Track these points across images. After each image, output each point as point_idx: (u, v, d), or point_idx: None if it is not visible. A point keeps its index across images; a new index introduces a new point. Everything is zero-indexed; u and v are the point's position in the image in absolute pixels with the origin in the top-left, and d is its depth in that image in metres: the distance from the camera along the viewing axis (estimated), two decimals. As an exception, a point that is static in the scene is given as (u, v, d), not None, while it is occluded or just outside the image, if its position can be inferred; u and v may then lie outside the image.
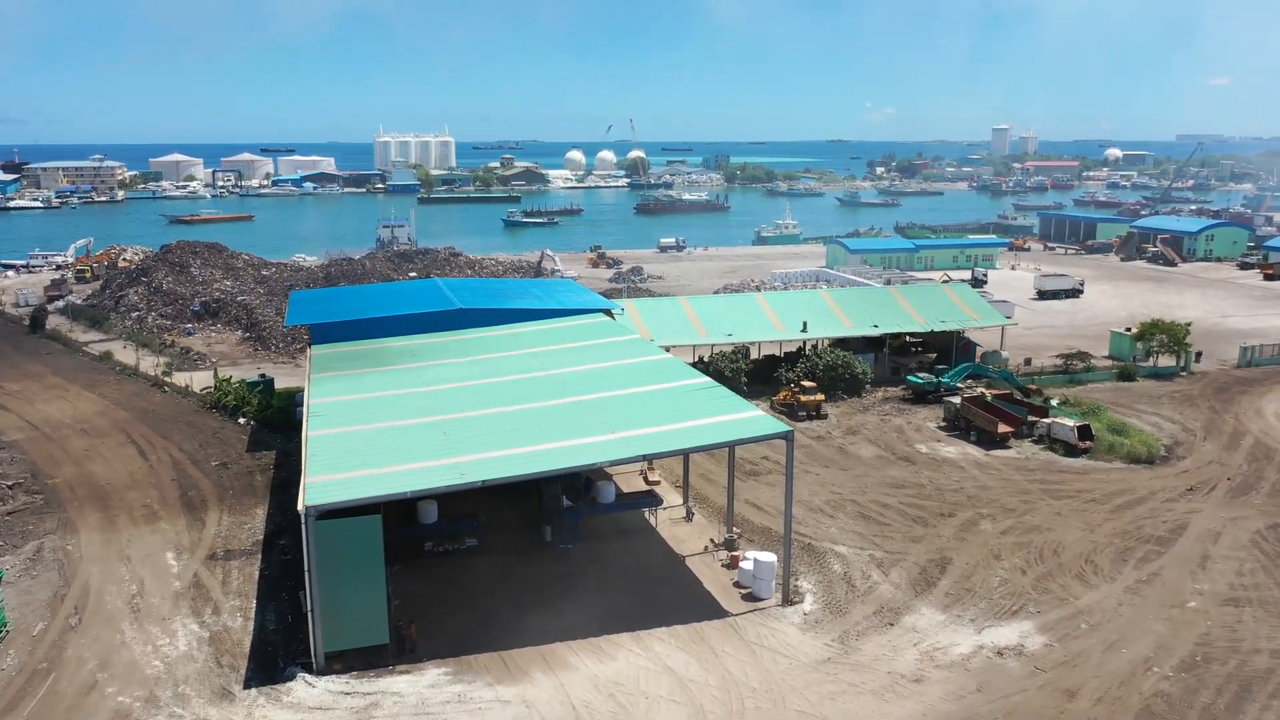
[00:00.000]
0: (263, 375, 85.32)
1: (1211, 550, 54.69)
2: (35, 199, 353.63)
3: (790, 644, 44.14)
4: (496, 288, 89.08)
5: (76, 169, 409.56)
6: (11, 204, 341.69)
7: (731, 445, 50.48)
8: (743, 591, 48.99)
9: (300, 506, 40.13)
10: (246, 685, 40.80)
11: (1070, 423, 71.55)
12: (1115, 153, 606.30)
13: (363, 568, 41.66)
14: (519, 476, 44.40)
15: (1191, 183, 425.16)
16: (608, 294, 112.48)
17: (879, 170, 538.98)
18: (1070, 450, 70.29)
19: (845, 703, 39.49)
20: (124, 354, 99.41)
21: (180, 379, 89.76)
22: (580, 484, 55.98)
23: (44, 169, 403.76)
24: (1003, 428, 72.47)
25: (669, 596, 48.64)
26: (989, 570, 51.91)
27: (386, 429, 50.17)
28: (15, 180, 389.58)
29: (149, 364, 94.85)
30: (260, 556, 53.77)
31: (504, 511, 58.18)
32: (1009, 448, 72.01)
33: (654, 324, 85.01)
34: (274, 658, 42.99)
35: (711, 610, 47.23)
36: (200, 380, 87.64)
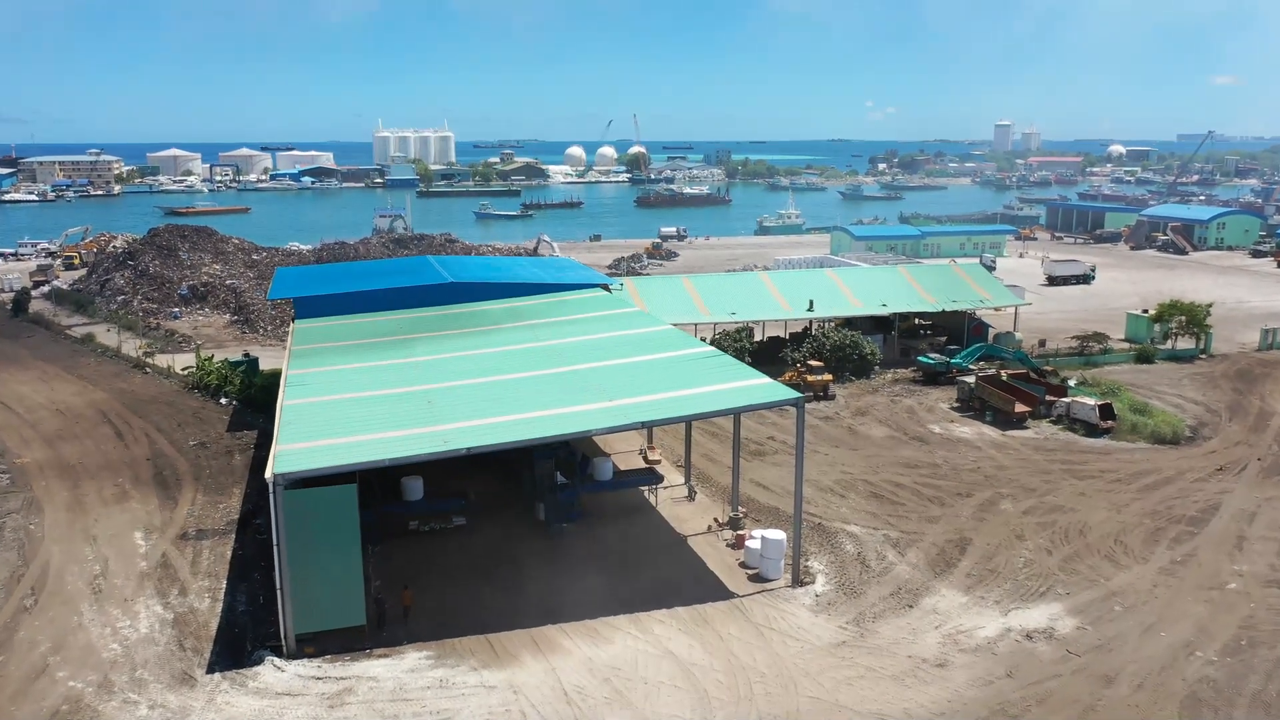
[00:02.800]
0: (247, 355, 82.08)
1: (1247, 531, 51.33)
2: (30, 192, 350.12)
3: (801, 626, 40.82)
4: (489, 264, 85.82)
5: (73, 163, 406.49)
6: (6, 197, 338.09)
7: (737, 412, 47.12)
8: (749, 572, 45.67)
9: (268, 474, 36.85)
10: (210, 669, 37.51)
11: (1091, 401, 68.19)
12: (1119, 149, 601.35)
13: (337, 542, 38.38)
14: (508, 444, 41.01)
15: (1196, 177, 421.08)
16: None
17: (881, 166, 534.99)
18: (1091, 430, 66.95)
19: (863, 688, 36.15)
20: (107, 337, 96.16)
21: (163, 361, 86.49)
22: (575, 460, 52.67)
23: (40, 163, 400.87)
24: (1020, 407, 69.12)
25: (670, 577, 45.30)
26: (1012, 551, 48.57)
27: (367, 398, 46.89)
28: (11, 174, 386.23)
29: (132, 347, 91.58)
30: (235, 536, 50.50)
31: (494, 489, 54.96)
32: (1026, 428, 68.69)
33: (654, 302, 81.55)
34: (242, 640, 39.71)
35: (716, 591, 43.92)
36: (183, 362, 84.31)
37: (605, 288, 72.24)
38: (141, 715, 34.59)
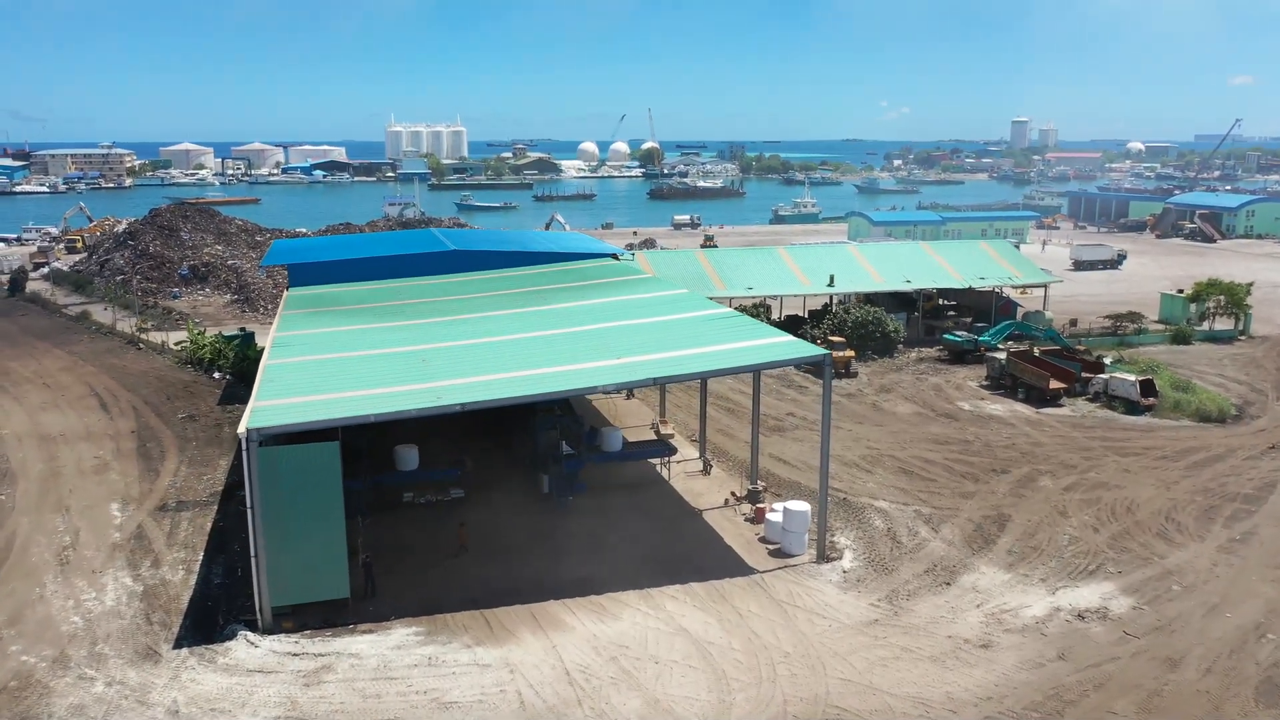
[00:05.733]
0: (242, 329, 78.86)
1: (1310, 509, 47.36)
2: (41, 184, 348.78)
3: (828, 604, 37.12)
4: (494, 234, 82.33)
5: (85, 156, 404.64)
6: (17, 189, 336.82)
7: (758, 369, 43.50)
8: (770, 547, 42.02)
9: (240, 429, 33.40)
10: (177, 645, 34.09)
11: (1131, 378, 64.12)
12: (1138, 145, 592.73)
13: (318, 506, 34.85)
14: (507, 399, 37.37)
15: (1218, 173, 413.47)
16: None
17: (896, 163, 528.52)
18: (1131, 407, 62.96)
19: (899, 670, 32.41)
20: (103, 315, 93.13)
21: (158, 337, 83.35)
22: (582, 430, 49.05)
23: (52, 155, 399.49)
24: (1055, 383, 65.14)
25: (684, 552, 41.69)
26: (1055, 528, 44.71)
27: (356, 357, 43.41)
28: (24, 167, 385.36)
29: (128, 325, 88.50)
30: (217, 508, 47.11)
31: (495, 461, 51.43)
32: (1061, 405, 64.75)
33: (666, 274, 77.40)
34: (215, 614, 36.29)
35: (734, 567, 40.27)
36: (178, 339, 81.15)
37: (615, 257, 68.70)
38: (97, 692, 31.20)
